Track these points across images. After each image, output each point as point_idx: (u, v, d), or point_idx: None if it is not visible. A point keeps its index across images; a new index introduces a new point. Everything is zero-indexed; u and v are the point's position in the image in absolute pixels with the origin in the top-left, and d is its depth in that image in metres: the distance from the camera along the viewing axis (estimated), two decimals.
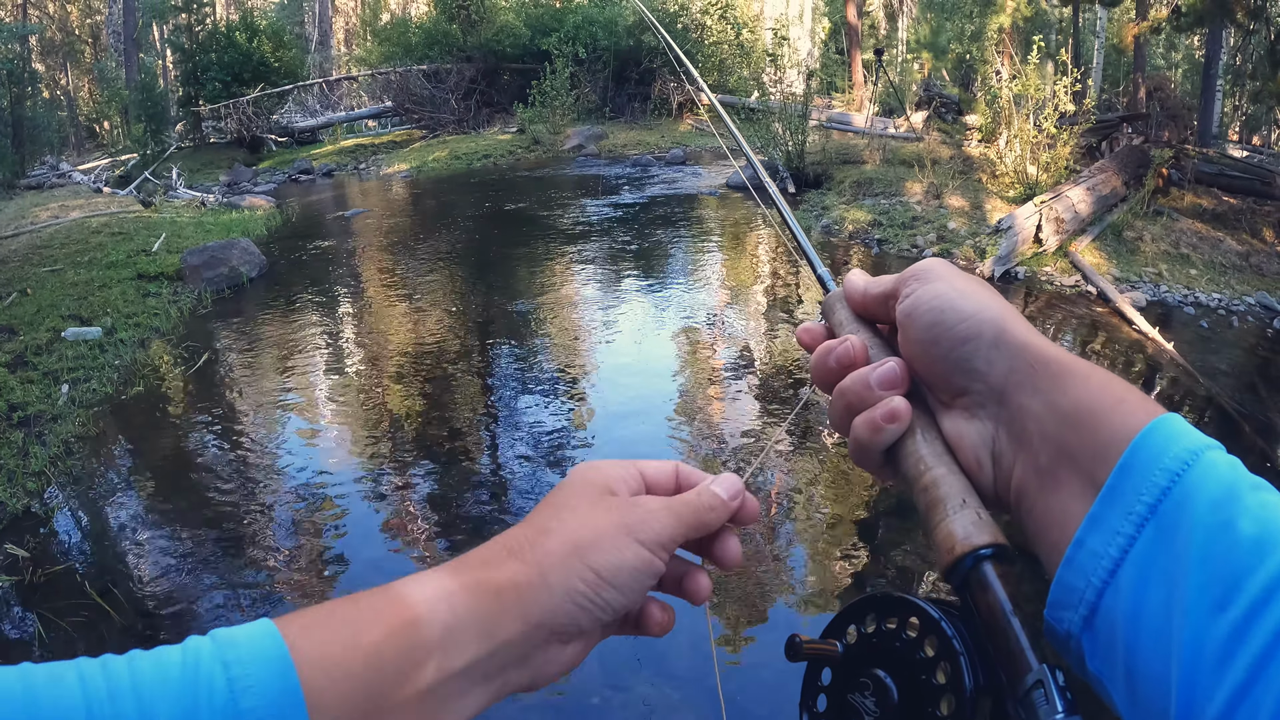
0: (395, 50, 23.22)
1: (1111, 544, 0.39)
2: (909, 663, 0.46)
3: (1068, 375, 0.45)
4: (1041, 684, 0.39)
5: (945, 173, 11.10)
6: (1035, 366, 0.46)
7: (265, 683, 0.39)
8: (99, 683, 0.38)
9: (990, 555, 0.44)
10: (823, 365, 0.56)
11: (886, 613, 0.49)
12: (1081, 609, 0.40)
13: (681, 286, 8.06)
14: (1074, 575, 0.41)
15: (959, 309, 0.49)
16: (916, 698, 0.45)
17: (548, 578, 0.48)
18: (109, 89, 23.09)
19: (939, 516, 0.47)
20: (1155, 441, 0.40)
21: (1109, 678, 0.40)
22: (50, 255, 9.00)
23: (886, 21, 28.72)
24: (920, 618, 0.46)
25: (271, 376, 6.08)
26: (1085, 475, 0.42)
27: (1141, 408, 0.42)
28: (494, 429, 5.14)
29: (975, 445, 0.48)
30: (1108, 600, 0.39)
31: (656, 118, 21.49)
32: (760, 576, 3.69)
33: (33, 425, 5.10)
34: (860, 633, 0.50)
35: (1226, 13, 9.87)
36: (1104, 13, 19.30)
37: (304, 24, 34.71)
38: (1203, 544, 0.36)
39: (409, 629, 0.44)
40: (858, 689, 0.48)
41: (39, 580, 3.69)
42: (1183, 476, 0.39)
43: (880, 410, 0.50)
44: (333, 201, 14.08)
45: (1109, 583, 0.39)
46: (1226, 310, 7.60)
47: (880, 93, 18.26)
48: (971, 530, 0.45)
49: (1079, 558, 0.41)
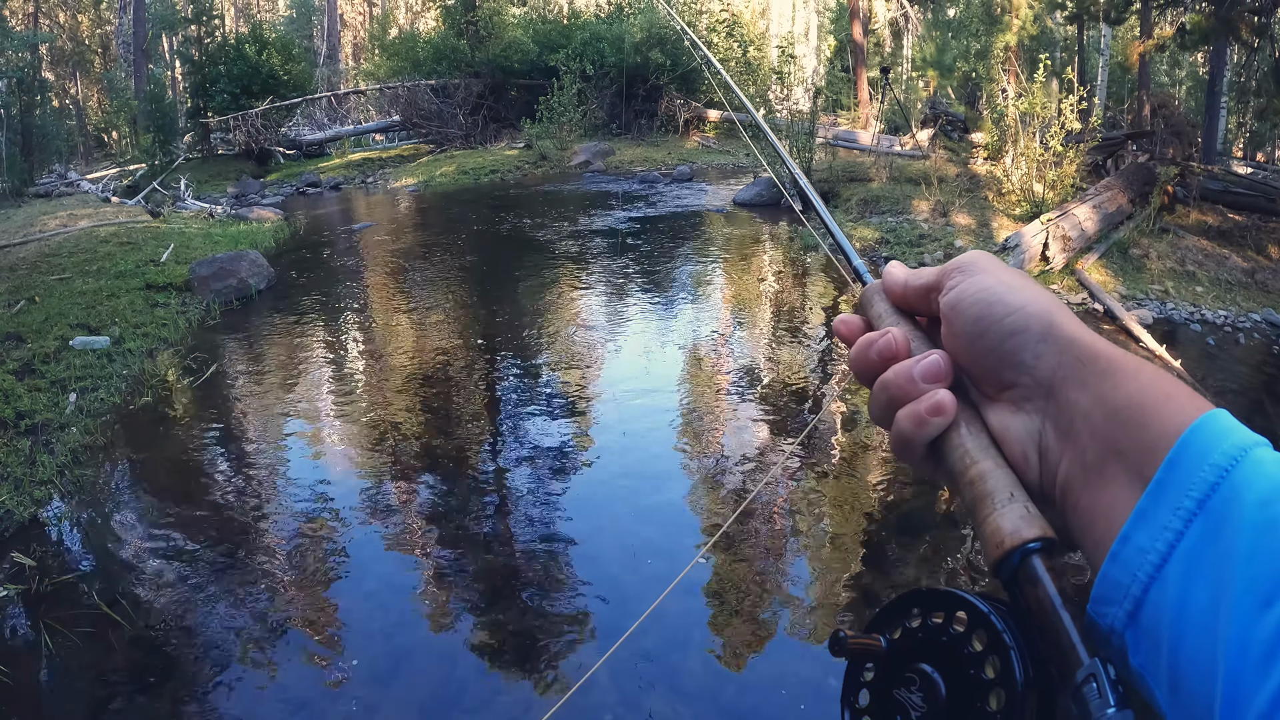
0: (403, 65, 23.36)
1: (1158, 539, 0.39)
2: (957, 657, 0.45)
3: (1117, 370, 0.44)
4: (1094, 678, 0.38)
5: (952, 190, 11.13)
6: (1084, 361, 0.46)
7: None
8: None
9: (1039, 549, 0.44)
10: (863, 358, 0.55)
11: (932, 607, 0.48)
12: (1126, 604, 0.40)
13: (689, 304, 8.07)
14: (1119, 570, 0.40)
15: (1006, 302, 0.49)
16: (965, 692, 0.45)
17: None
18: (118, 99, 23.24)
19: (986, 511, 0.46)
20: (1203, 437, 0.40)
21: (1152, 675, 0.39)
22: (59, 263, 9.04)
23: (892, 39, 28.81)
24: (968, 612, 0.46)
25: (279, 390, 6.09)
26: (1133, 470, 0.42)
27: (1190, 403, 0.42)
28: (499, 446, 5.14)
29: (1021, 439, 0.48)
30: (1153, 596, 0.39)
31: (663, 134, 21.58)
32: (766, 591, 3.68)
33: (40, 433, 5.11)
34: (905, 627, 0.49)
35: (1231, 31, 9.90)
36: (1109, 31, 19.35)
37: (313, 37, 34.98)
38: (1250, 541, 0.36)
39: None
40: (903, 684, 0.47)
41: (46, 589, 3.69)
42: (1231, 473, 0.38)
43: (925, 404, 0.50)
44: (340, 215, 14.13)
45: (1155, 578, 0.39)
46: (1233, 327, 7.59)
47: (886, 110, 18.31)
48: (1020, 524, 0.45)
49: (1125, 553, 0.40)
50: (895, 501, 4.43)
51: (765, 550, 3.99)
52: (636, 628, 3.13)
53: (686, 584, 3.60)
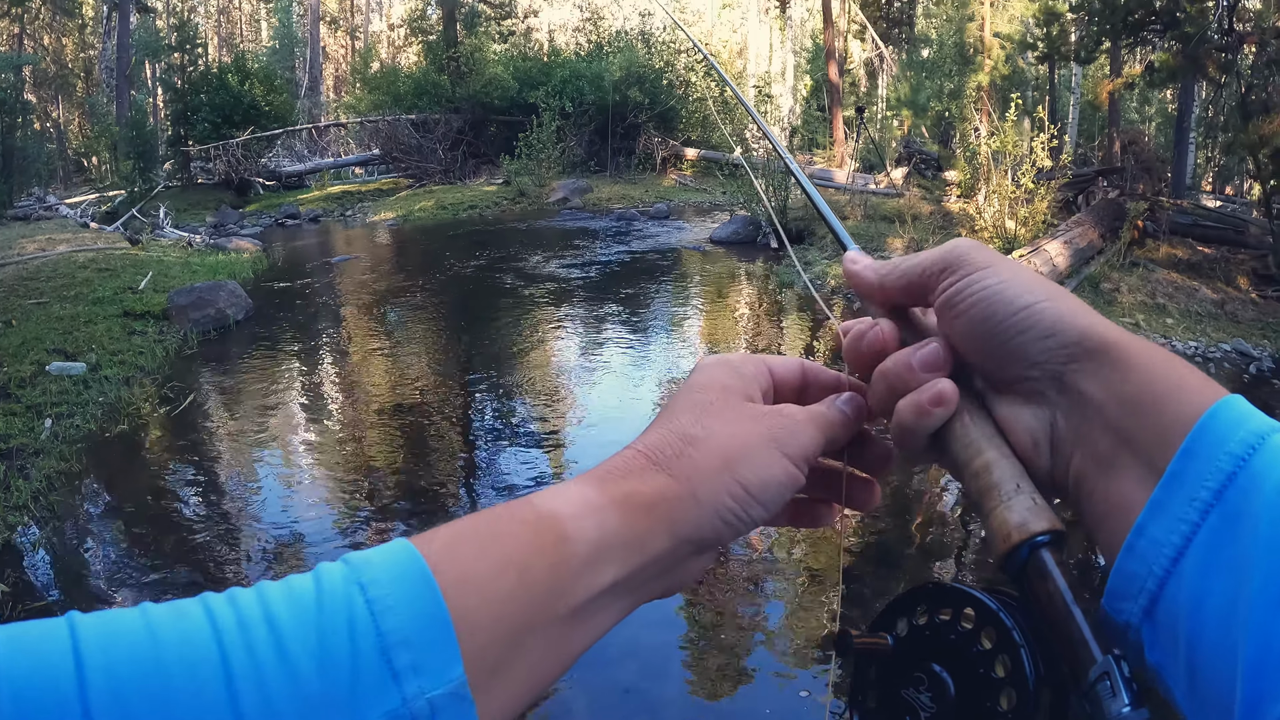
0: (384, 99, 23.47)
1: (1174, 531, 0.38)
2: (965, 656, 0.44)
3: (1129, 360, 0.43)
4: (1107, 676, 0.37)
5: (926, 228, 11.28)
6: (1095, 353, 0.44)
7: (408, 603, 0.37)
8: (227, 613, 0.35)
9: (1048, 542, 0.43)
10: (854, 350, 0.53)
11: (939, 604, 0.47)
12: (1142, 599, 0.39)
13: (666, 340, 8.12)
14: (1135, 563, 0.39)
15: (1010, 301, 0.46)
16: (975, 692, 0.43)
17: (697, 493, 0.46)
18: (99, 124, 23.12)
19: (992, 503, 0.45)
20: (1219, 425, 0.38)
21: (1169, 671, 0.38)
22: (36, 288, 8.98)
23: (867, 79, 29.30)
24: (976, 608, 0.45)
25: (255, 421, 6.06)
26: (1147, 461, 0.40)
27: (1204, 389, 0.41)
28: (472, 480, 5.13)
29: (1031, 430, 0.46)
30: (1170, 590, 0.38)
31: (641, 172, 21.75)
32: (743, 621, 3.70)
33: (15, 458, 5.05)
34: (912, 625, 0.48)
35: (1199, 68, 10.15)
36: (1079, 70, 19.81)
37: (295, 69, 35.09)
38: (1269, 532, 0.35)
39: (558, 546, 0.42)
40: (911, 684, 0.46)
41: (19, 616, 3.64)
42: (1249, 461, 0.37)
43: (926, 394, 0.48)
44: (319, 248, 14.13)
45: (1171, 572, 0.38)
46: (1203, 358, 7.72)
47: (861, 149, 18.57)
48: (1028, 517, 0.43)
49: (1140, 545, 0.39)
50: (871, 530, 4.47)
51: (742, 580, 4.01)
52: (613, 659, 3.14)
53: (663, 616, 3.61)
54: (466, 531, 0.42)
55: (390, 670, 0.35)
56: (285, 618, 0.35)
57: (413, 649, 0.36)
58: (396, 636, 0.36)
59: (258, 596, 0.36)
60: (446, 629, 0.37)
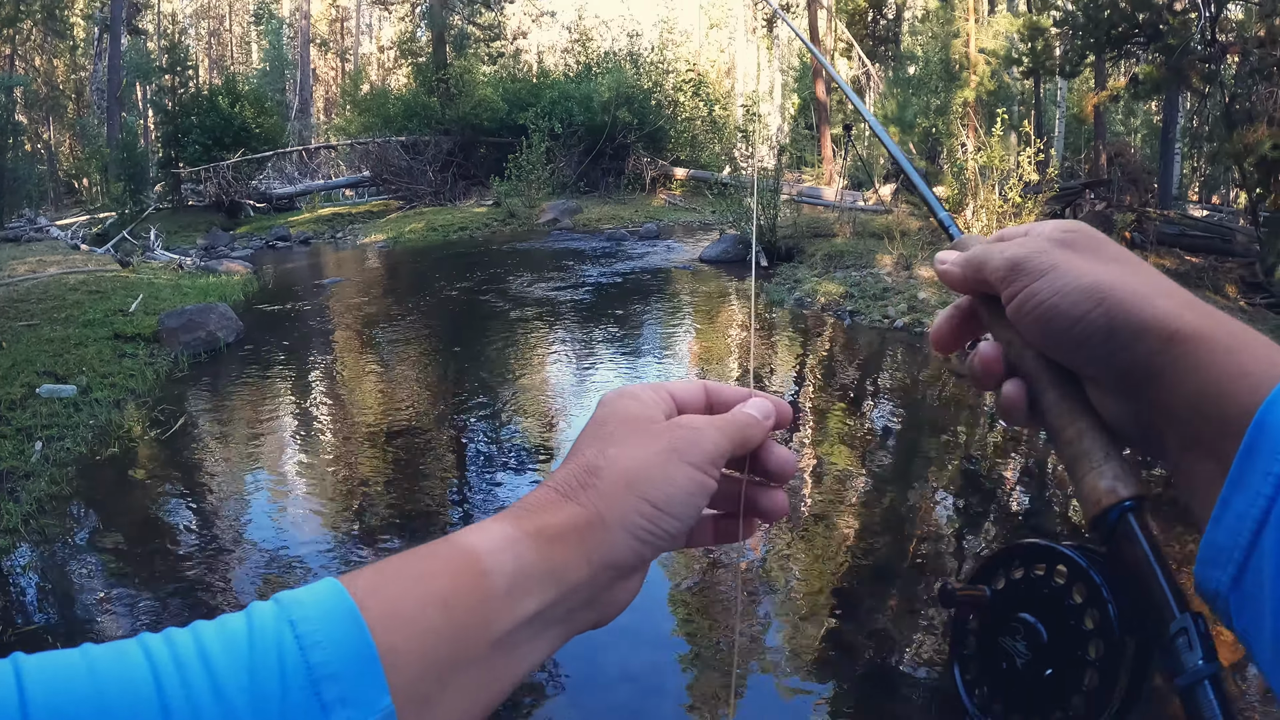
0: (374, 121, 23.55)
1: (1254, 505, 0.39)
2: (1058, 608, 0.48)
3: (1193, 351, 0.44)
4: (1185, 632, 0.40)
5: (914, 244, 11.32)
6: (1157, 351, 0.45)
7: (335, 638, 0.39)
8: (163, 652, 0.37)
9: (1134, 507, 0.46)
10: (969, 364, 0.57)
11: (1033, 560, 0.51)
12: (1230, 569, 0.40)
13: (657, 359, 8.13)
14: (1222, 535, 0.40)
15: (1064, 314, 0.48)
16: (1066, 641, 0.48)
17: (605, 517, 0.48)
18: (90, 146, 23.15)
19: (1083, 470, 0.48)
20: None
21: (1255, 639, 0.39)
22: (26, 310, 8.96)
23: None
24: (1068, 566, 0.48)
25: (246, 444, 6.05)
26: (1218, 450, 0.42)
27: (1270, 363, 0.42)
28: (465, 504, 5.11)
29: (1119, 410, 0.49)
30: (1254, 561, 0.39)
31: (630, 192, 21.83)
32: (742, 642, 3.69)
33: (5, 481, 5.03)
34: (1009, 579, 0.52)
35: (1182, 79, 10.25)
36: (1064, 84, 19.98)
37: (285, 91, 35.21)
38: None
39: (479, 580, 0.44)
40: (1008, 632, 0.50)
41: (10, 640, 3.61)
42: None
43: (1001, 400, 0.52)
44: (309, 270, 14.13)
45: (1255, 544, 0.39)
46: None
47: (849, 166, 18.67)
48: (1116, 483, 0.47)
49: (1225, 518, 0.40)
50: (866, 550, 4.47)
51: (736, 599, 4.00)
52: (607, 681, 3.14)
53: (656, 636, 3.61)
54: (391, 570, 0.44)
55: (319, 702, 0.37)
56: (219, 655, 0.37)
57: (340, 682, 0.38)
58: (325, 670, 0.38)
59: (193, 636, 0.39)
60: (373, 662, 0.39)
